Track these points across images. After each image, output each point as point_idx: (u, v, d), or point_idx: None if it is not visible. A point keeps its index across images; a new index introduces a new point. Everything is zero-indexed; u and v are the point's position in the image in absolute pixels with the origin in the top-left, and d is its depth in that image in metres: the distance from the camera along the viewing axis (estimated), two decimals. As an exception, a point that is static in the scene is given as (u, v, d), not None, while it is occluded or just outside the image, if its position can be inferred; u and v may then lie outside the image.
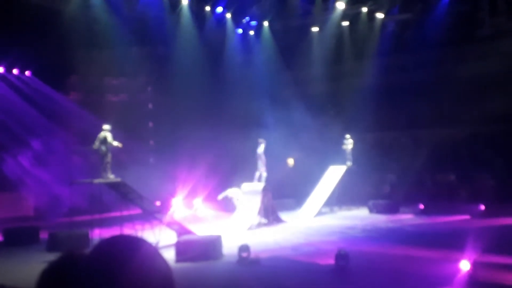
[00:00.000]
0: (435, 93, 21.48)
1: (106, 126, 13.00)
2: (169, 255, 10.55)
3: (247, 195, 16.19)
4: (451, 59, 22.35)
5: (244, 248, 10.40)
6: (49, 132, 20.29)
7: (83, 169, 12.61)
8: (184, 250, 10.77)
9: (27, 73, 21.98)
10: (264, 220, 15.90)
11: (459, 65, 21.87)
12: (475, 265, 8.11)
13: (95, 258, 1.05)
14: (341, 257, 9.34)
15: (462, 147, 22.16)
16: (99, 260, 1.03)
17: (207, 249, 10.84)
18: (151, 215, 13.13)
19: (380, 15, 23.05)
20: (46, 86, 21.87)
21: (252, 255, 10.38)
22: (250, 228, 15.11)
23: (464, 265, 8.12)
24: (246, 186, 16.52)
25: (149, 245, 1.08)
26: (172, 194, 19.27)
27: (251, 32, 24.70)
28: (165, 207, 16.21)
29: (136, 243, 1.06)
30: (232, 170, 20.25)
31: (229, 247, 11.31)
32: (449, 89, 21.04)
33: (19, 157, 19.85)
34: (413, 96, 22.37)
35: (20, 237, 13.78)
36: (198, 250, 10.73)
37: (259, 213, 15.75)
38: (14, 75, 21.66)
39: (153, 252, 1.06)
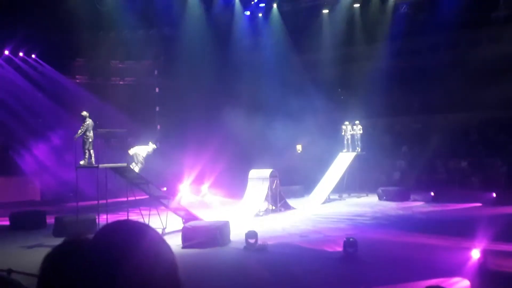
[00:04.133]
0: (448, 77, 21.26)
1: (85, 113, 12.61)
2: (176, 241, 10.64)
3: (254, 181, 16.21)
4: (465, 42, 22.08)
5: (251, 235, 10.45)
6: (58, 119, 20.36)
7: (97, 155, 12.65)
8: (191, 236, 10.84)
9: (33, 56, 22.05)
10: (272, 207, 15.95)
11: (473, 48, 21.60)
12: (486, 253, 8.11)
13: (98, 244, 1.05)
14: (350, 244, 9.37)
15: (475, 132, 21.99)
16: (101, 246, 1.03)
17: (214, 235, 10.89)
18: (158, 201, 13.20)
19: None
20: (53, 69, 21.92)
21: (259, 242, 10.44)
22: (257, 215, 15.18)
23: (475, 254, 8.13)
24: (253, 172, 16.54)
25: (154, 231, 1.08)
26: (179, 180, 19.34)
27: (260, 14, 24.52)
28: (171, 193, 16.29)
29: (140, 229, 1.06)
30: (239, 154, 20.24)
31: (237, 234, 11.38)
32: (463, 73, 20.81)
33: (34, 151, 20.09)
34: (425, 81, 22.18)
35: (27, 222, 13.93)
36: (205, 236, 10.80)
37: (267, 199, 15.80)
38: (20, 57, 21.74)
39: (158, 239, 1.06)
